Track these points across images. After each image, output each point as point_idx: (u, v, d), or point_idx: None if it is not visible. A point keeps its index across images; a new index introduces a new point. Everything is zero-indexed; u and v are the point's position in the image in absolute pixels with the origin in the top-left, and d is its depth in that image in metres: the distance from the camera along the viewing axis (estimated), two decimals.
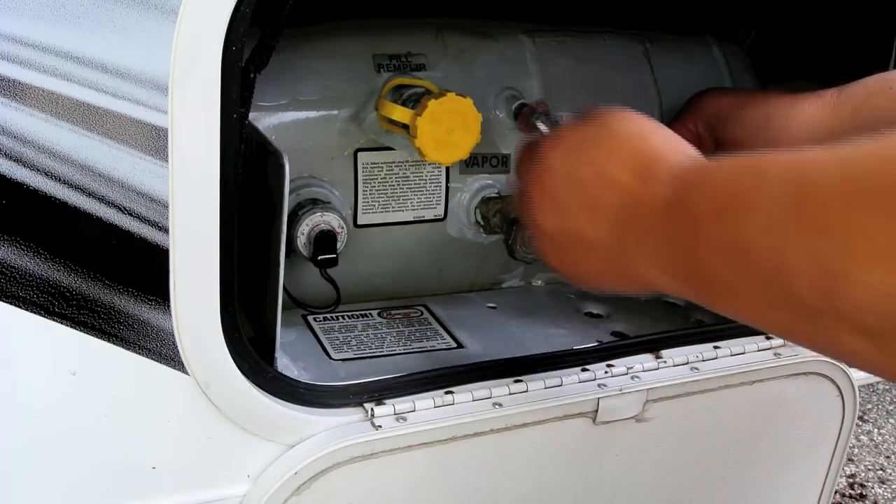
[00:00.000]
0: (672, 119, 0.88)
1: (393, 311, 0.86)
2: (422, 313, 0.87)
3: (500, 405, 0.71)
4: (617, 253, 0.58)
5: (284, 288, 0.77)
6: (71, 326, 0.57)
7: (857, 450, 2.29)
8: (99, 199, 0.55)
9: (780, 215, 0.46)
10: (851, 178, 0.44)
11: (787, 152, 0.49)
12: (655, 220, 0.55)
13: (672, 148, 0.59)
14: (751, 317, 0.52)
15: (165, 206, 0.56)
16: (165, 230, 0.57)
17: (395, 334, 0.82)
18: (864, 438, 2.34)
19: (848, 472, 2.20)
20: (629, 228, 0.57)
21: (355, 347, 0.80)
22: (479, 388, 0.72)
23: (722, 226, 0.50)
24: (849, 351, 0.45)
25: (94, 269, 0.57)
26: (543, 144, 0.64)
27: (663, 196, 0.55)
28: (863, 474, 2.21)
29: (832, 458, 0.91)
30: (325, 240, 0.77)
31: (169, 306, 0.59)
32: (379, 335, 0.82)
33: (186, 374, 0.61)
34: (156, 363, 0.60)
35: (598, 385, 0.75)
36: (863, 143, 0.45)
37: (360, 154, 0.82)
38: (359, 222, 0.83)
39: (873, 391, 2.49)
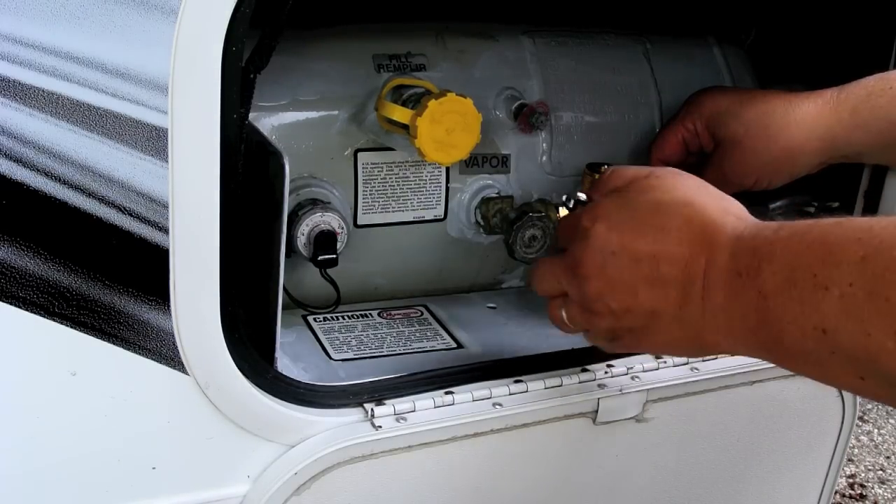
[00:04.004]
0: (671, 118, 0.89)
1: (393, 312, 0.86)
2: (422, 313, 0.87)
3: (500, 405, 0.71)
4: (687, 324, 0.59)
5: (284, 288, 0.77)
6: (71, 326, 0.57)
7: (857, 450, 2.29)
8: (99, 199, 0.55)
9: (859, 298, 0.47)
10: None
11: (851, 224, 0.50)
12: (722, 292, 0.56)
13: (724, 212, 0.59)
14: (838, 384, 0.53)
15: (165, 206, 0.56)
16: (165, 230, 0.57)
17: (395, 334, 0.82)
18: (864, 438, 2.34)
19: (848, 472, 2.20)
20: (697, 301, 0.58)
21: (355, 348, 0.80)
22: (479, 388, 0.72)
23: (797, 305, 0.50)
24: None
25: (94, 270, 0.57)
26: (590, 222, 0.63)
27: (726, 267, 0.56)
28: (863, 474, 2.21)
29: (832, 458, 0.91)
30: (325, 240, 0.77)
31: (169, 306, 0.59)
32: (379, 335, 0.82)
33: (186, 374, 0.61)
34: (156, 363, 0.60)
35: (598, 385, 0.75)
36: None
37: (360, 154, 0.82)
38: (359, 222, 0.83)
39: None
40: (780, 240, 0.53)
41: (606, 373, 0.76)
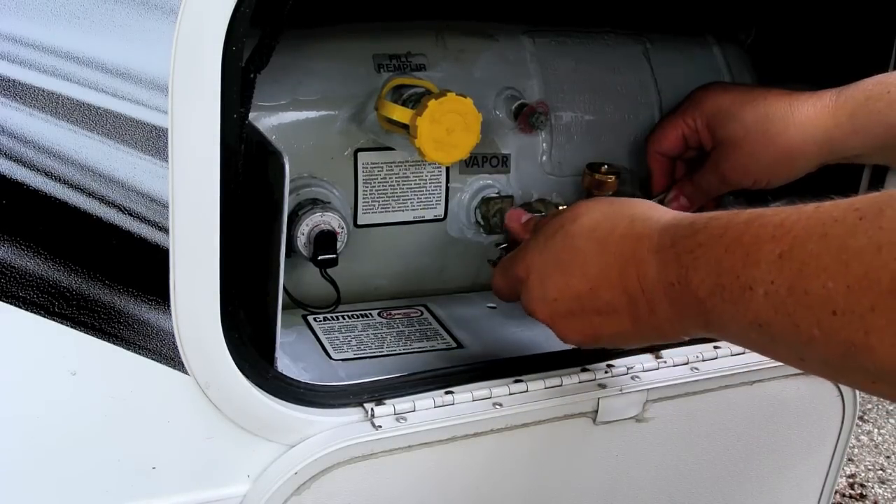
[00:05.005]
0: (671, 111, 0.89)
1: (393, 311, 0.86)
2: (422, 313, 0.87)
3: (500, 405, 0.71)
4: (650, 331, 0.64)
5: (284, 288, 0.77)
6: (71, 326, 0.57)
7: (857, 450, 2.29)
8: (99, 199, 0.55)
9: (782, 294, 0.50)
10: (843, 259, 0.46)
11: (763, 220, 0.52)
12: (665, 301, 0.60)
13: (631, 221, 0.63)
14: (785, 363, 0.56)
15: (165, 206, 0.56)
16: (165, 230, 0.57)
17: (395, 334, 0.82)
18: (864, 438, 2.34)
19: (848, 472, 2.20)
20: (648, 315, 0.62)
21: (355, 347, 0.80)
22: (479, 388, 0.72)
23: (730, 306, 0.54)
24: (876, 391, 0.49)
25: (94, 269, 0.57)
26: (524, 273, 0.69)
27: (658, 278, 0.60)
28: (863, 474, 2.21)
29: (832, 458, 0.91)
30: (325, 240, 0.77)
31: (169, 306, 0.59)
32: (379, 335, 0.82)
33: (186, 374, 0.61)
34: (156, 363, 0.60)
35: (598, 385, 0.75)
36: (840, 210, 0.48)
37: (360, 154, 0.82)
38: (359, 222, 0.83)
39: None
40: (700, 246, 0.56)
41: (606, 373, 0.76)
